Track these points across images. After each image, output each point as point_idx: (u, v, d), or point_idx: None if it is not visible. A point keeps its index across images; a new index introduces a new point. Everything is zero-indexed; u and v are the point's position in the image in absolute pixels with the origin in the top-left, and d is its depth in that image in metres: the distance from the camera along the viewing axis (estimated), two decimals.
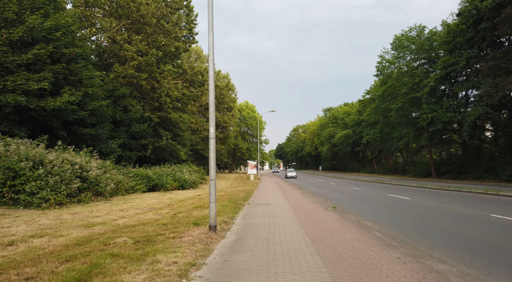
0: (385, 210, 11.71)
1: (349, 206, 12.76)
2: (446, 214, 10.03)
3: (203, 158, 50.79)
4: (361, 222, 8.40)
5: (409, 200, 14.92)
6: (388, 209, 11.83)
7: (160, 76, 28.77)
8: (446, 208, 11.59)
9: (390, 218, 9.70)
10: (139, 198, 16.60)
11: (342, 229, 7.35)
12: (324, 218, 9.02)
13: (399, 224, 8.55)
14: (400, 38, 35.26)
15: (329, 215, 9.80)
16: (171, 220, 8.30)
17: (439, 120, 26.96)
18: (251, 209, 11.35)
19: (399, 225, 8.29)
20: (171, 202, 14.36)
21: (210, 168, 6.35)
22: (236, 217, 9.22)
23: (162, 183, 22.84)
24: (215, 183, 6.37)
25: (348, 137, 62.11)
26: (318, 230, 7.16)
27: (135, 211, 11.31)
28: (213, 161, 6.38)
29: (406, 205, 12.99)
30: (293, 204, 13.34)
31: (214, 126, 6.37)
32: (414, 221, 8.99)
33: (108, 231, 6.91)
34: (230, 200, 14.22)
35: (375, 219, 9.18)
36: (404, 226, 8.21)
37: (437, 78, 27.98)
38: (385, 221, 8.92)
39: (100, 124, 20.24)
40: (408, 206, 12.61)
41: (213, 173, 6.38)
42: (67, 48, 17.61)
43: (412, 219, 9.38)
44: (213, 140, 6.36)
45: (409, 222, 8.86)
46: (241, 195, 17.50)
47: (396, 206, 12.61)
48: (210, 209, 6.41)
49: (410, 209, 11.53)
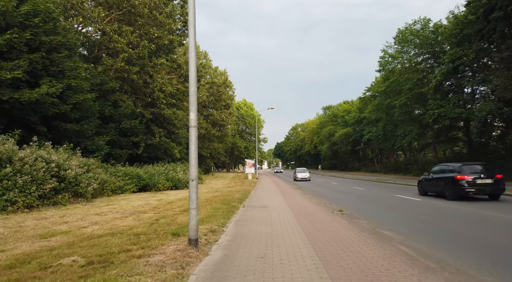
0: (399, 213, 10.32)
1: (356, 209, 11.37)
2: (483, 222, 8.64)
3: (199, 156, 49.34)
4: (377, 231, 7.01)
5: (421, 201, 13.55)
6: (402, 213, 10.44)
7: (152, 70, 27.30)
8: (476, 213, 10.20)
9: (409, 224, 8.31)
10: (125, 199, 15.19)
11: (357, 241, 5.95)
12: (331, 226, 7.62)
13: (422, 233, 7.15)
14: (403, 31, 33.87)
15: (336, 220, 8.40)
16: (148, 229, 6.89)
17: (446, 117, 25.60)
18: (247, 213, 9.95)
19: (423, 235, 6.88)
20: (159, 204, 12.96)
21: (191, 165, 4.95)
22: (228, 224, 7.81)
23: (154, 182, 21.48)
24: (196, 184, 4.97)
25: (348, 136, 60.72)
26: (328, 244, 5.76)
27: (114, 215, 9.91)
28: (194, 155, 4.97)
29: (421, 208, 11.60)
30: (294, 206, 11.95)
31: (195, 112, 4.97)
32: (441, 229, 7.60)
33: (64, 244, 5.49)
34: (223, 201, 12.82)
35: (392, 226, 7.78)
36: (430, 236, 6.81)
37: (443, 73, 26.62)
38: (404, 229, 7.53)
39: (86, 120, 18.78)
40: (424, 209, 11.22)
41: (194, 171, 4.97)
42: (47, 36, 16.14)
43: (438, 226, 7.99)
44: (195, 129, 4.95)
45: (435, 230, 7.45)
46: (236, 195, 16.09)
47: (410, 209, 11.22)
48: (189, 217, 5.01)
49: (430, 213, 10.14)
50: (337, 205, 12.55)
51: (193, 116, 4.92)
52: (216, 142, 55.81)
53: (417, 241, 6.19)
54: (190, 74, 5.01)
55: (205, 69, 53.03)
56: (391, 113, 36.56)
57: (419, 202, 13.40)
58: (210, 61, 57.85)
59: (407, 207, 11.88)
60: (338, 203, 13.28)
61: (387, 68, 36.48)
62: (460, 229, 7.44)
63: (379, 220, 8.92)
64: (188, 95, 26.48)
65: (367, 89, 53.61)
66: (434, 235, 6.89)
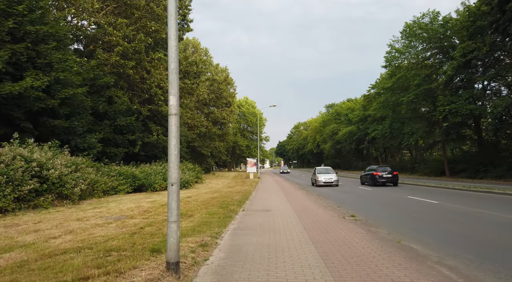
0: (419, 220, 9.10)
1: (370, 213, 10.16)
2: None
3: (200, 155, 48.26)
4: (402, 244, 5.80)
5: (439, 204, 12.33)
6: (423, 219, 9.22)
7: (149, 65, 26.14)
8: (506, 219, 8.98)
9: (438, 234, 7.08)
10: (116, 201, 14.05)
11: (382, 260, 4.75)
12: (346, 236, 6.42)
13: (462, 247, 5.89)
14: (411, 25, 32.50)
15: (350, 229, 7.20)
16: (126, 241, 5.72)
17: (457, 113, 24.28)
18: (246, 219, 8.77)
19: (465, 251, 5.63)
20: (151, 207, 11.80)
21: (170, 164, 3.77)
22: (224, 234, 6.63)
23: (150, 182, 20.38)
24: (178, 189, 3.78)
25: (352, 134, 59.33)
26: (346, 262, 4.57)
27: (97, 220, 8.76)
28: (175, 152, 3.78)
29: (443, 212, 10.38)
30: (299, 209, 10.76)
31: (176, 95, 3.80)
32: (484, 242, 6.38)
33: (10, 266, 4.32)
34: (221, 204, 11.64)
35: (419, 237, 6.55)
36: (475, 252, 5.60)
37: (454, 67, 25.29)
38: (435, 241, 6.30)
39: (76, 116, 17.65)
40: (447, 213, 10.01)
41: (174, 173, 3.77)
42: (33, 26, 15.00)
43: (479, 238, 6.79)
44: (176, 118, 3.78)
45: (476, 243, 6.23)
46: (236, 197, 14.92)
47: (432, 214, 10.00)
48: (168, 234, 3.82)
49: (458, 220, 8.93)
50: (347, 208, 11.35)
51: (174, 101, 3.75)
52: (217, 141, 54.67)
53: (456, 258, 4.98)
54: (170, 40, 3.84)
55: (205, 66, 51.88)
56: (398, 111, 35.23)
57: (437, 205, 12.17)
58: (211, 58, 56.65)
59: (426, 211, 10.66)
60: (348, 206, 12.08)
61: (394, 64, 35.12)
62: (507, 241, 6.23)
63: (400, 228, 7.70)
64: (187, 91, 24.64)
65: (371, 86, 52.36)
66: (477, 250, 5.68)
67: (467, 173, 29.25)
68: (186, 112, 39.96)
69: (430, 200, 13.67)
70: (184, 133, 38.02)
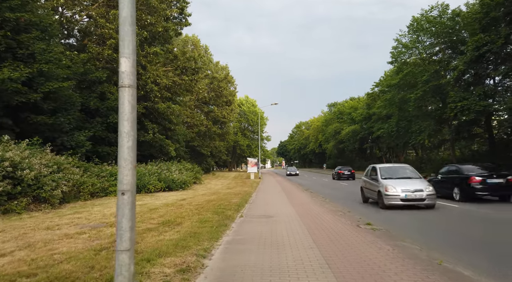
0: (449, 230, 7.77)
1: (387, 221, 8.83)
2: None
3: (200, 155, 47.01)
4: (445, 267, 4.47)
5: (462, 208, 10.99)
6: (452, 229, 7.90)
7: (145, 60, 24.81)
8: None
9: (485, 251, 5.75)
10: (103, 205, 12.77)
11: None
12: (369, 254, 5.09)
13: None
14: (418, 19, 31.09)
15: (371, 242, 5.88)
16: (86, 264, 4.41)
17: (470, 110, 22.92)
18: (244, 227, 7.46)
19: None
20: (139, 211, 10.50)
21: (121, 162, 2.44)
22: (214, 250, 5.32)
23: (144, 183, 19.10)
24: (131, 200, 2.44)
25: (356, 133, 57.81)
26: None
27: (69, 229, 7.48)
28: (128, 143, 2.44)
29: (475, 220, 9.05)
30: (305, 215, 9.45)
31: (132, 57, 2.52)
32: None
33: None
34: (217, 209, 10.32)
35: (463, 257, 5.21)
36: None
37: (466, 62, 23.91)
38: (487, 262, 4.98)
39: (63, 112, 16.35)
40: (480, 221, 8.68)
41: (128, 174, 2.41)
42: (13, 13, 13.74)
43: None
44: (130, 91, 2.47)
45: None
46: (235, 199, 13.61)
47: (462, 222, 8.68)
48: (116, 270, 2.48)
49: (499, 230, 7.59)
50: (359, 213, 10.02)
51: (127, 67, 2.47)
52: (217, 140, 53.35)
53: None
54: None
55: (205, 64, 50.57)
56: (404, 108, 33.79)
57: (458, 209, 10.83)
58: (211, 56, 55.36)
59: (447, 217, 9.33)
60: (360, 211, 10.74)
61: (400, 60, 33.69)
62: None
63: (429, 240, 6.39)
64: (185, 88, 23.05)
65: (375, 84, 50.94)
66: None
67: None
68: (185, 110, 38.68)
69: (448, 203, 12.32)
70: (182, 132, 36.76)
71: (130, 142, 2.40)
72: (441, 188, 13.62)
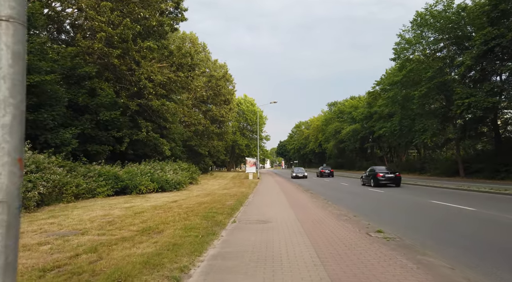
0: (481, 240, 6.71)
1: (400, 227, 7.78)
2: None
3: (197, 155, 45.89)
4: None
5: (477, 211, 9.95)
6: (484, 238, 6.84)
7: (138, 55, 23.72)
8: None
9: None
10: (85, 207, 11.72)
11: None
12: (390, 275, 4.03)
13: None
14: (422, 14, 30.06)
15: (390, 259, 4.82)
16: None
17: (478, 107, 21.84)
18: (235, 237, 6.40)
19: None
20: (121, 216, 9.48)
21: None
22: (193, 269, 4.24)
23: (135, 184, 18.06)
24: (9, 218, 1.39)
25: (356, 132, 56.76)
26: None
27: (33, 239, 6.43)
28: (5, 112, 1.39)
29: (503, 226, 8.00)
30: (306, 219, 8.40)
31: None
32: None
33: None
34: (207, 213, 9.25)
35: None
36: None
37: (474, 57, 22.84)
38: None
39: (47, 108, 15.30)
40: (506, 227, 7.63)
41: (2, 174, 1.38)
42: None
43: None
44: (13, 27, 1.42)
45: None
46: (229, 202, 12.56)
47: (488, 230, 7.62)
48: None
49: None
50: (366, 217, 8.96)
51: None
52: (215, 140, 52.29)
53: None
54: None
55: (202, 61, 49.48)
56: (407, 107, 32.74)
57: (477, 213, 9.79)
58: (209, 54, 54.25)
59: (470, 224, 8.28)
60: (366, 215, 9.69)
61: (403, 56, 32.63)
62: None
63: (458, 254, 5.33)
64: (181, 85, 21.64)
65: (376, 83, 49.96)
66: None
67: (484, 173, 26.81)
68: (181, 108, 37.55)
69: (461, 205, 11.27)
70: (179, 131, 35.70)
71: (8, 117, 1.36)
72: (366, 179, 23.46)
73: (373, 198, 15.27)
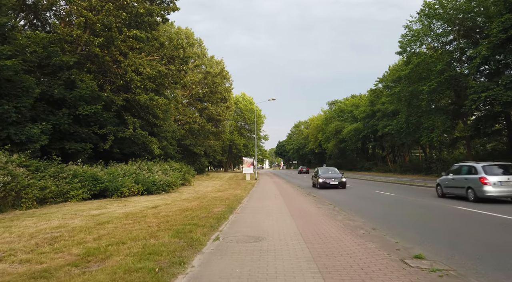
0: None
1: (441, 248, 5.77)
2: None
3: (193, 154, 43.81)
4: None
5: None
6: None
7: (124, 45, 21.67)
8: None
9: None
10: (43, 215, 9.70)
11: None
12: None
13: None
14: (431, 4, 28.12)
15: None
16: None
17: (497, 101, 19.87)
18: (212, 269, 4.38)
19: None
20: (79, 227, 7.49)
21: None
22: None
23: (116, 186, 16.09)
24: None
25: (358, 131, 54.68)
26: None
27: None
28: None
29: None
30: (312, 235, 6.39)
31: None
32: None
33: None
34: (184, 226, 7.22)
35: None
36: None
37: (490, 47, 20.89)
38: None
39: (9, 98, 13.28)
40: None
41: None
42: None
43: None
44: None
45: None
46: (218, 208, 10.52)
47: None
48: None
49: None
50: (389, 232, 6.94)
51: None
52: (212, 139, 50.20)
53: None
54: None
55: (199, 59, 47.44)
56: (414, 103, 30.74)
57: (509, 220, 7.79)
58: (205, 50, 52.20)
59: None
60: (388, 228, 7.67)
61: (410, 50, 30.62)
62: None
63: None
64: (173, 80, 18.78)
65: (379, 80, 48.09)
66: None
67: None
68: (175, 105, 35.48)
69: (489, 212, 9.27)
70: (172, 129, 33.62)
71: None
72: None
73: (386, 204, 13.27)
